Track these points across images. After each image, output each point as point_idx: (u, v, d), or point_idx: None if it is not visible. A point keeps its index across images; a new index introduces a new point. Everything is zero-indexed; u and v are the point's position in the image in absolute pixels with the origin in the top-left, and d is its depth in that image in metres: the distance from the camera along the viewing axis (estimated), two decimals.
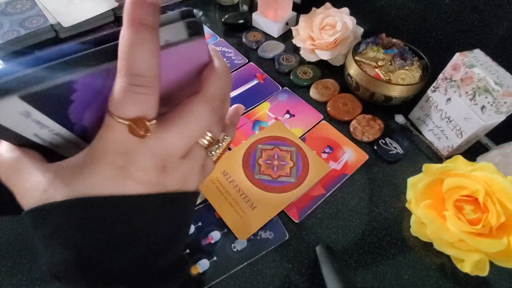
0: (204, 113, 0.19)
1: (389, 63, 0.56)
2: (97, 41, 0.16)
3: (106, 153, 0.17)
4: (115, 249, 0.18)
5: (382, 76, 0.55)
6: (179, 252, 0.22)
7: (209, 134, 0.20)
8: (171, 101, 0.20)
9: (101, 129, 0.17)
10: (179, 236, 0.21)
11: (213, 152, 0.22)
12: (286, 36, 0.72)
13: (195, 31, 0.17)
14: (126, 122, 0.16)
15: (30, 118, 0.16)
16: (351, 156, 0.52)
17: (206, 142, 0.20)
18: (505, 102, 0.41)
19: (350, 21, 0.61)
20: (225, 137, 0.23)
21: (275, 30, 0.72)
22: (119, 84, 0.15)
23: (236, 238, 0.43)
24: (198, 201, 0.46)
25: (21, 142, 0.18)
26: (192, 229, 0.44)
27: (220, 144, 0.22)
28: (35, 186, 0.17)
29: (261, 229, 0.44)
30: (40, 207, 0.17)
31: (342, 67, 0.62)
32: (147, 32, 0.15)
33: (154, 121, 0.17)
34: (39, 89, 0.15)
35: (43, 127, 0.17)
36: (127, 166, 0.17)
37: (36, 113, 0.16)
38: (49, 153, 0.19)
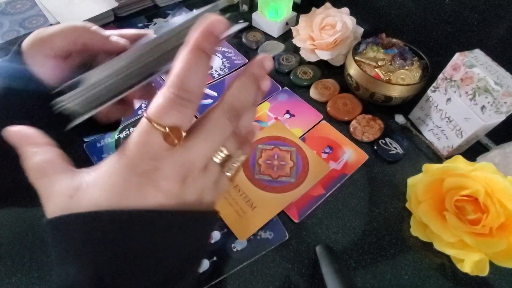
0: (220, 120, 0.19)
1: (389, 63, 0.56)
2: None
3: (134, 158, 0.17)
4: (135, 270, 0.17)
5: (382, 76, 0.55)
6: (195, 275, 0.21)
7: (224, 150, 0.20)
8: None
9: (134, 133, 0.18)
10: (198, 258, 0.21)
11: (228, 170, 0.21)
12: (286, 36, 0.72)
13: None
14: (164, 130, 0.17)
15: None
16: (351, 156, 0.52)
17: (220, 158, 0.20)
18: (505, 102, 0.41)
19: (350, 21, 0.61)
20: (241, 154, 0.22)
21: (275, 30, 0.72)
22: (166, 94, 0.17)
23: (236, 238, 0.43)
24: None
25: None
26: None
27: (235, 163, 0.21)
28: (61, 190, 0.17)
29: (261, 229, 0.44)
30: (60, 218, 0.17)
31: (342, 67, 0.62)
32: (205, 57, 0.18)
33: (185, 133, 0.18)
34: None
35: None
36: (152, 172, 0.17)
37: None
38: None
